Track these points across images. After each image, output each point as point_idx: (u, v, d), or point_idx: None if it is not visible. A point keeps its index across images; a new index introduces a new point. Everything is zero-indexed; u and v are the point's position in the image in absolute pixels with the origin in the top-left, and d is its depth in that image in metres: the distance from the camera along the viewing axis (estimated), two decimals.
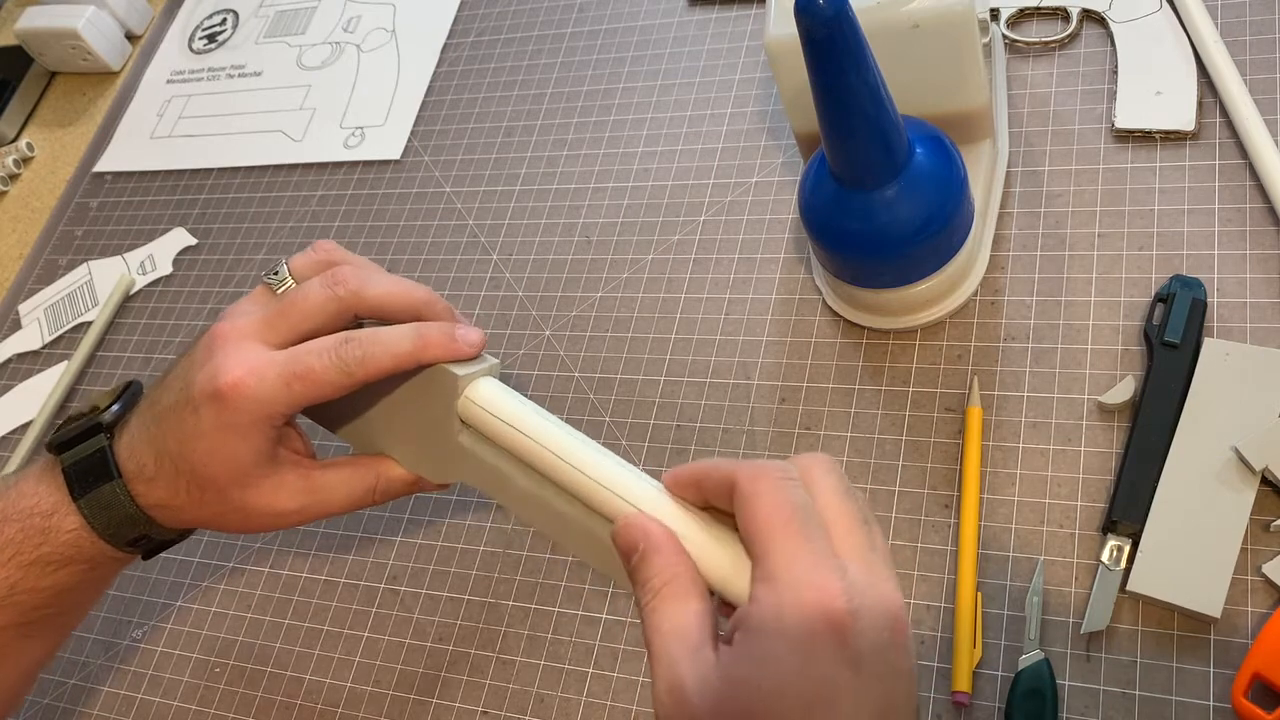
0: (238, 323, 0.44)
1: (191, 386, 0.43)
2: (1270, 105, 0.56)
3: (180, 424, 0.43)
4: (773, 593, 0.32)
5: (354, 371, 0.42)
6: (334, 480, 0.46)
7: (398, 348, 0.43)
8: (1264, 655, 0.43)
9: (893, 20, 0.50)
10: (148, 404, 0.45)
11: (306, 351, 0.43)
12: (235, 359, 0.42)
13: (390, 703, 0.56)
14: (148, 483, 0.44)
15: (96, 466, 0.44)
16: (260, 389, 0.42)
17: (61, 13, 0.93)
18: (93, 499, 0.44)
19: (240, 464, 0.43)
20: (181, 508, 0.44)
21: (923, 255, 0.52)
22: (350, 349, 0.43)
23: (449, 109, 0.78)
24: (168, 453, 0.43)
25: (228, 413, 0.42)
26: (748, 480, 0.34)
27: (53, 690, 0.63)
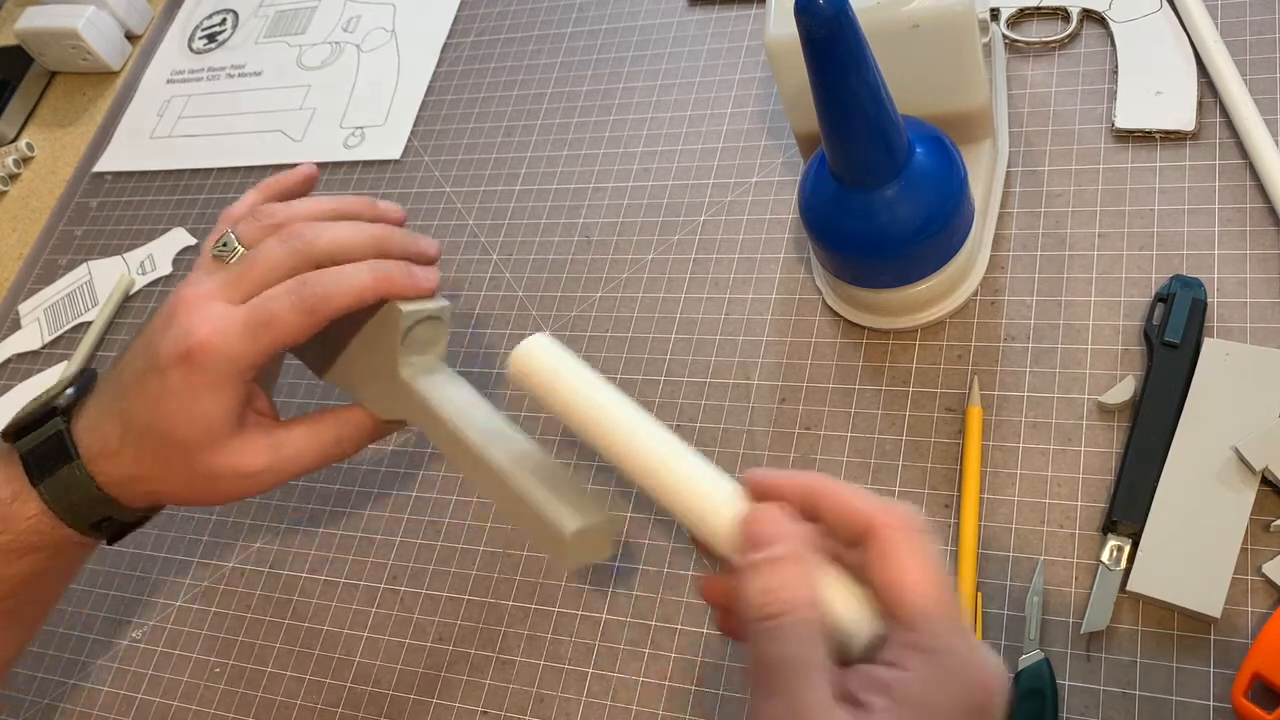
0: (199, 289, 0.44)
1: (158, 352, 0.43)
2: (1270, 105, 0.56)
3: (147, 390, 0.43)
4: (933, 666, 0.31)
5: (316, 309, 0.43)
6: (299, 435, 0.46)
7: (355, 281, 0.43)
8: (1264, 655, 0.43)
9: (893, 20, 0.50)
10: (109, 383, 0.45)
11: (268, 298, 0.43)
12: (199, 318, 0.42)
13: (390, 703, 0.56)
14: (111, 458, 0.44)
15: (54, 449, 0.44)
16: (227, 343, 0.42)
17: (61, 13, 0.93)
18: (52, 482, 0.44)
19: (209, 423, 0.43)
20: (147, 478, 0.44)
21: (923, 255, 0.52)
22: (310, 288, 0.43)
23: (449, 109, 0.78)
24: (134, 422, 0.43)
25: (197, 372, 0.42)
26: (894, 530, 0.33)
27: (53, 690, 0.63)
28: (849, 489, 0.34)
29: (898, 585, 0.33)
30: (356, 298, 0.44)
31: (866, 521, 0.33)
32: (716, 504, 0.37)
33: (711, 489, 0.37)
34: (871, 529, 0.33)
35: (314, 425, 0.47)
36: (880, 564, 0.33)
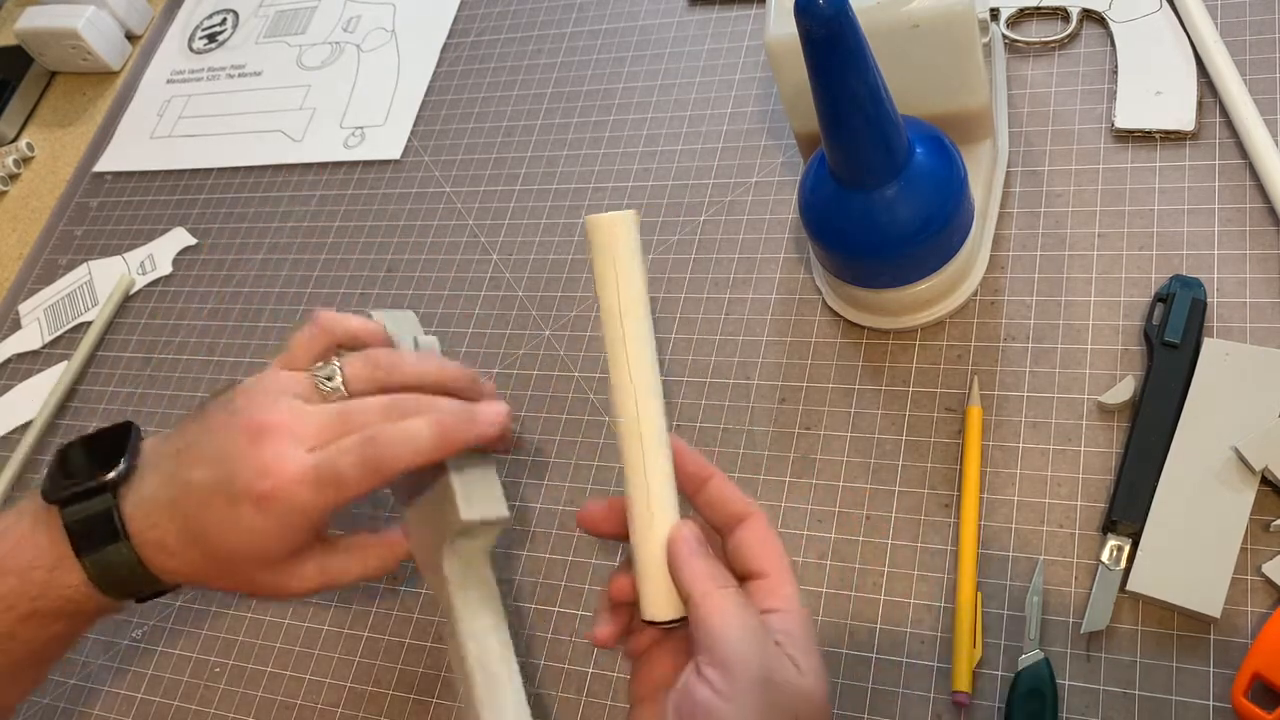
0: (290, 416, 0.43)
1: (232, 479, 0.42)
2: (1270, 105, 0.56)
3: (213, 512, 0.42)
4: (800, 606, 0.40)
5: (380, 470, 0.42)
6: (347, 562, 0.47)
7: (418, 442, 0.43)
8: (1264, 655, 0.43)
9: (893, 20, 0.50)
10: (170, 468, 0.44)
11: (336, 453, 0.42)
12: (282, 460, 0.42)
13: (390, 703, 0.56)
14: (166, 555, 0.43)
15: (103, 526, 0.43)
16: (300, 496, 0.42)
17: (61, 13, 0.93)
18: (98, 558, 0.43)
19: (271, 555, 0.44)
20: (198, 577, 0.44)
21: (923, 255, 0.52)
22: (374, 448, 0.42)
23: (449, 109, 0.78)
24: (197, 535, 0.43)
25: (269, 515, 0.42)
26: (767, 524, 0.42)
27: (53, 690, 0.63)
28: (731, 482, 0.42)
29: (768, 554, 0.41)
30: (417, 459, 0.43)
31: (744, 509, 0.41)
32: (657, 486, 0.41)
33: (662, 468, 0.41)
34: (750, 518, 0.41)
35: (362, 553, 0.47)
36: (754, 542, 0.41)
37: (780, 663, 0.38)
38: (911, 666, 0.49)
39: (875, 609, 0.51)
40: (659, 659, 0.42)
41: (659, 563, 0.41)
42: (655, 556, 0.41)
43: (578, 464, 0.60)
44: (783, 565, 0.41)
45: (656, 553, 0.41)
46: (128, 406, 0.73)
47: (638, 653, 0.43)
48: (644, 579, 0.41)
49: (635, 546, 0.41)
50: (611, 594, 0.43)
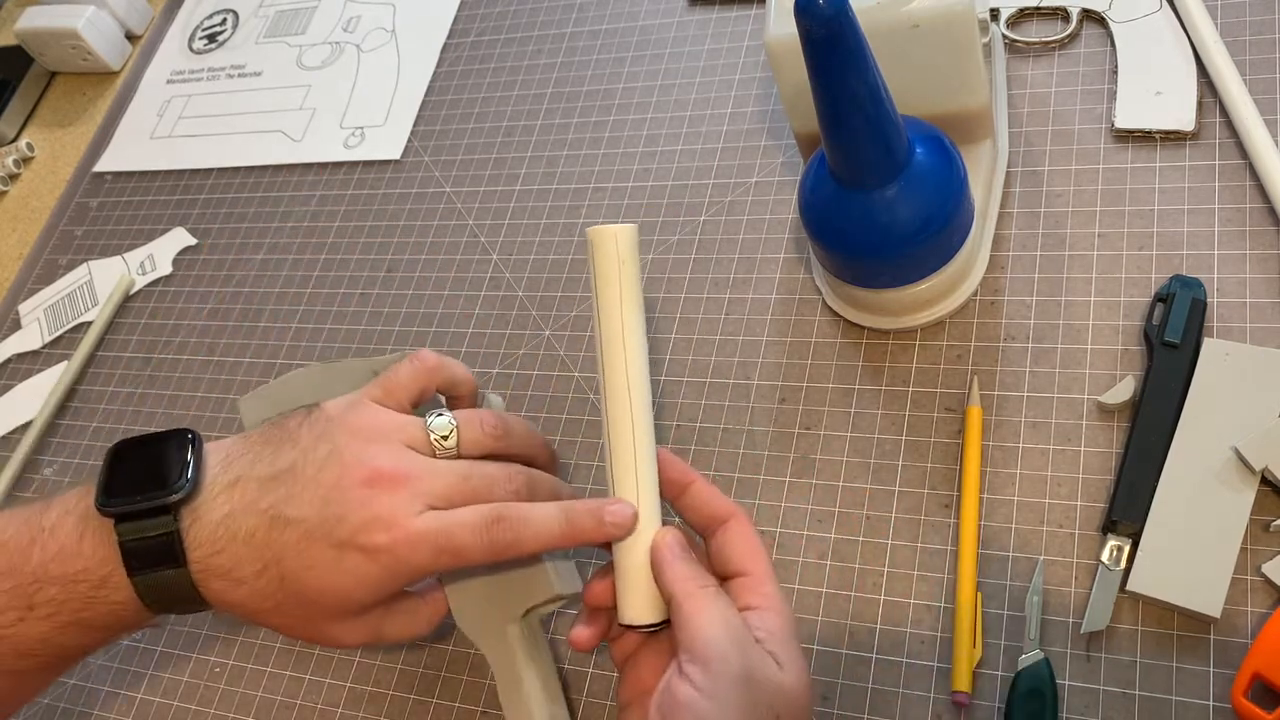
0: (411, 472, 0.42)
1: (340, 523, 0.41)
2: (1270, 105, 0.56)
3: (312, 553, 0.41)
4: (782, 603, 0.41)
5: (503, 553, 0.42)
6: (396, 624, 0.46)
7: (547, 532, 0.42)
8: (1264, 655, 0.43)
9: (893, 20, 0.50)
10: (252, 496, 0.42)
11: (461, 526, 0.41)
12: (397, 515, 0.41)
13: (390, 703, 0.56)
14: (230, 583, 0.41)
15: (161, 550, 0.41)
16: (413, 557, 0.41)
17: (61, 13, 0.93)
18: (152, 581, 0.41)
19: (351, 607, 0.43)
20: (254, 609, 0.42)
21: (922, 255, 0.52)
22: (502, 531, 0.42)
23: (449, 109, 0.78)
24: (281, 570, 0.41)
25: (374, 567, 0.41)
26: (748, 524, 0.43)
27: (53, 690, 0.63)
28: (712, 486, 0.43)
29: (752, 552, 0.42)
30: (543, 548, 0.43)
31: (726, 511, 0.42)
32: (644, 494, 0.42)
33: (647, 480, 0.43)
34: (734, 518, 0.42)
35: (412, 615, 0.47)
36: (739, 541, 0.42)
37: (761, 659, 0.38)
38: (911, 666, 0.49)
39: (875, 609, 0.51)
40: (645, 662, 0.43)
41: (643, 568, 0.41)
42: (639, 561, 0.41)
43: (577, 464, 0.60)
44: (764, 563, 0.41)
45: (640, 557, 0.41)
46: (128, 407, 0.73)
47: (623, 657, 0.44)
48: (626, 584, 0.41)
49: (618, 551, 0.42)
50: (588, 600, 0.44)
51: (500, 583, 0.48)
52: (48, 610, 0.42)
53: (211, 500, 0.42)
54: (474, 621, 0.49)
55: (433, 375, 0.47)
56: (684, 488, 0.43)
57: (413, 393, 0.46)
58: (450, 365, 0.48)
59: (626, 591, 0.42)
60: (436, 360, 0.47)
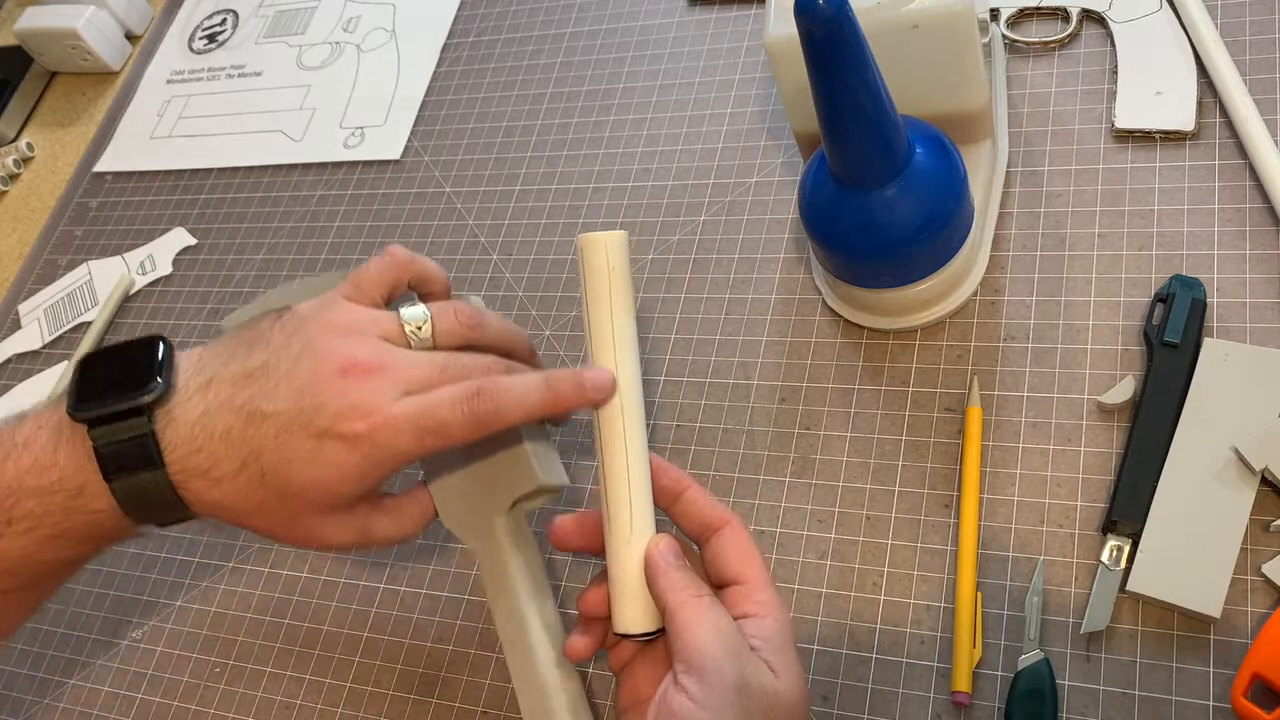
0: (387, 360, 0.42)
1: (317, 413, 0.40)
2: (1270, 105, 0.56)
3: (292, 445, 0.40)
4: (779, 609, 0.41)
5: (486, 424, 0.41)
6: (385, 523, 0.46)
7: (529, 400, 0.42)
8: (1264, 655, 0.43)
9: (893, 20, 0.50)
10: (227, 394, 0.41)
11: (440, 403, 0.41)
12: (376, 402, 0.40)
13: (390, 703, 0.56)
14: (212, 483, 0.41)
15: (137, 453, 0.40)
16: (396, 441, 0.40)
17: (61, 13, 0.93)
18: (128, 484, 0.41)
19: (336, 499, 0.42)
20: (236, 510, 0.42)
21: (922, 255, 0.52)
22: (483, 402, 0.41)
23: (449, 109, 0.78)
24: (260, 465, 0.41)
25: (356, 455, 0.40)
26: (744, 530, 0.42)
27: (53, 690, 0.63)
28: (707, 493, 0.43)
29: (749, 559, 0.41)
30: (527, 416, 0.43)
31: (720, 519, 0.42)
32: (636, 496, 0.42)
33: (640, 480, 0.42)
34: (729, 525, 0.42)
35: (399, 515, 0.46)
36: (734, 547, 0.42)
37: (756, 668, 0.38)
38: (911, 666, 0.49)
39: (875, 609, 0.51)
40: (642, 670, 0.43)
41: (637, 576, 0.41)
42: (633, 570, 0.41)
43: (577, 464, 0.60)
44: (760, 570, 0.41)
45: (635, 567, 0.41)
46: None
47: (621, 665, 0.44)
48: (621, 593, 0.41)
49: (612, 560, 0.42)
50: (582, 610, 0.44)
51: (484, 477, 0.47)
52: (26, 525, 0.41)
53: (186, 400, 0.41)
54: (459, 517, 0.48)
55: (404, 269, 0.46)
56: (677, 495, 0.43)
57: (384, 287, 0.46)
58: (421, 260, 0.47)
59: (621, 600, 0.41)
60: (407, 255, 0.47)
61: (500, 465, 0.47)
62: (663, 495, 0.43)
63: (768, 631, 0.39)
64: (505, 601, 0.47)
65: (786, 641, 0.40)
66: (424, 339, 0.44)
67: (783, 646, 0.39)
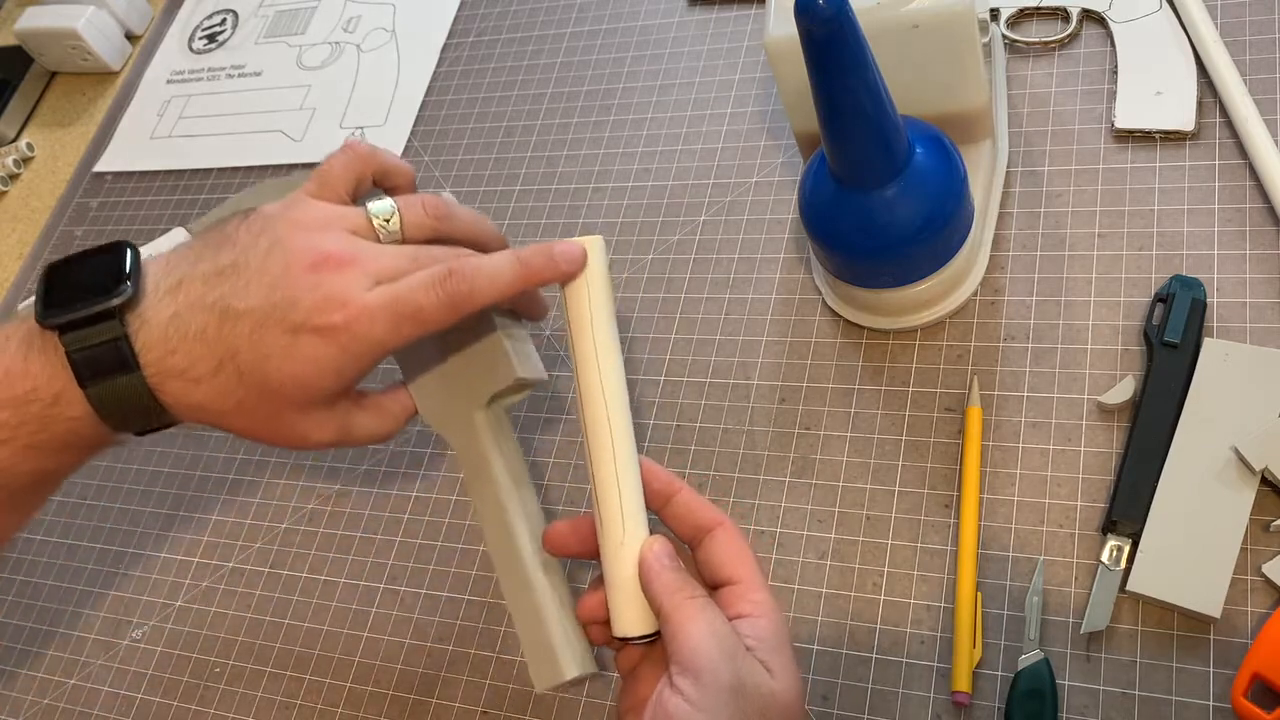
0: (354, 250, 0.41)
1: (291, 308, 0.40)
2: (1270, 105, 0.56)
3: (267, 340, 0.40)
4: (773, 609, 0.40)
5: (460, 306, 0.41)
6: (366, 420, 0.46)
7: (502, 278, 0.42)
8: (1264, 655, 0.43)
9: (893, 20, 0.50)
10: (198, 292, 0.41)
11: (413, 288, 0.41)
12: (351, 291, 0.40)
13: (390, 703, 0.56)
14: (189, 383, 0.40)
15: (110, 356, 0.40)
16: (372, 330, 0.40)
17: (61, 13, 0.93)
18: (103, 389, 0.40)
19: (316, 394, 0.42)
20: (217, 410, 0.41)
21: (922, 255, 0.52)
22: (456, 283, 0.41)
23: (449, 109, 0.78)
24: (237, 364, 0.40)
25: (334, 347, 0.40)
26: (737, 531, 0.42)
27: (53, 690, 0.63)
28: (698, 495, 0.43)
29: (743, 559, 0.41)
30: (501, 295, 0.42)
31: (713, 520, 0.41)
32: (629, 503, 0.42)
33: (631, 483, 0.42)
34: (722, 526, 0.41)
35: (380, 412, 0.46)
36: (730, 547, 0.41)
37: (752, 668, 0.38)
38: (911, 666, 0.49)
39: (875, 609, 0.51)
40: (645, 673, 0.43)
41: (631, 579, 0.41)
42: (628, 573, 0.41)
43: (577, 464, 0.60)
44: (753, 570, 0.41)
45: (629, 569, 0.41)
46: None
47: (628, 668, 0.44)
48: (616, 596, 0.41)
49: (607, 564, 0.42)
50: (582, 616, 0.44)
51: (462, 371, 0.47)
52: (2, 436, 0.40)
53: (157, 303, 0.41)
54: (439, 413, 0.48)
55: (366, 162, 0.46)
56: (669, 497, 0.42)
57: (348, 182, 0.46)
58: (383, 154, 0.47)
59: (618, 604, 0.41)
60: (368, 148, 0.46)
61: (477, 360, 0.47)
62: (654, 498, 0.43)
63: (763, 631, 0.39)
64: (487, 494, 0.47)
65: (782, 641, 0.39)
66: (392, 231, 0.44)
67: (778, 646, 0.39)
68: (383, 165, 0.47)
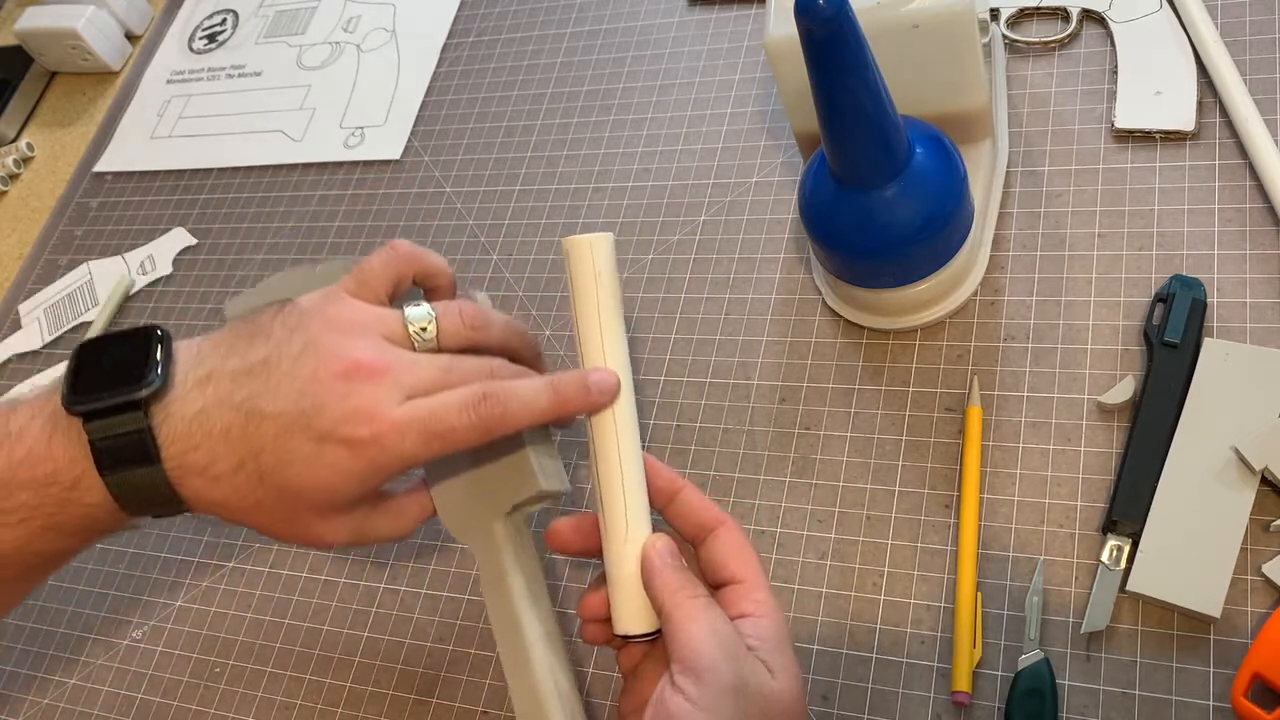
0: (391, 363, 0.41)
1: (318, 416, 0.39)
2: (1270, 105, 0.56)
3: (293, 447, 0.40)
4: (775, 609, 0.41)
5: (493, 429, 0.41)
6: (381, 523, 0.45)
7: (535, 405, 0.42)
8: (1264, 655, 0.43)
9: (893, 20, 0.50)
10: (226, 390, 0.40)
11: (446, 408, 0.40)
12: (379, 406, 0.40)
13: (390, 703, 0.56)
14: (210, 480, 0.40)
15: (133, 447, 0.39)
16: (401, 446, 0.40)
17: (61, 13, 0.93)
18: (125, 479, 0.40)
19: (337, 501, 0.41)
20: (235, 508, 0.41)
21: (922, 255, 0.52)
22: (490, 407, 0.41)
23: (449, 109, 0.78)
24: (259, 466, 0.40)
25: (360, 460, 0.40)
26: (739, 531, 0.42)
27: (53, 690, 0.63)
28: (701, 494, 0.43)
29: (745, 559, 0.41)
30: (533, 421, 0.42)
31: (715, 519, 0.42)
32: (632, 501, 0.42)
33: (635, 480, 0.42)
34: (723, 525, 0.42)
35: (398, 514, 0.46)
36: (733, 546, 0.41)
37: (753, 668, 0.38)
38: (911, 666, 0.49)
39: (875, 609, 0.51)
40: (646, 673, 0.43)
41: (634, 576, 0.41)
42: (630, 571, 0.41)
43: (578, 464, 0.60)
44: (756, 570, 0.41)
45: (632, 567, 0.41)
46: None
47: (630, 668, 0.44)
48: (618, 593, 0.41)
49: (609, 561, 0.42)
50: (583, 614, 0.44)
51: (485, 479, 0.47)
52: (20, 516, 0.40)
53: (184, 396, 0.40)
54: (459, 519, 0.48)
55: (408, 264, 0.46)
56: (672, 495, 0.42)
57: (388, 283, 0.45)
58: (426, 255, 0.47)
59: (620, 602, 0.41)
60: (410, 248, 0.46)
61: (502, 468, 0.47)
62: (657, 496, 0.43)
63: (765, 631, 0.39)
64: (502, 605, 0.47)
65: (783, 641, 0.39)
66: (428, 340, 0.43)
67: (779, 646, 0.39)
68: (424, 266, 0.47)
